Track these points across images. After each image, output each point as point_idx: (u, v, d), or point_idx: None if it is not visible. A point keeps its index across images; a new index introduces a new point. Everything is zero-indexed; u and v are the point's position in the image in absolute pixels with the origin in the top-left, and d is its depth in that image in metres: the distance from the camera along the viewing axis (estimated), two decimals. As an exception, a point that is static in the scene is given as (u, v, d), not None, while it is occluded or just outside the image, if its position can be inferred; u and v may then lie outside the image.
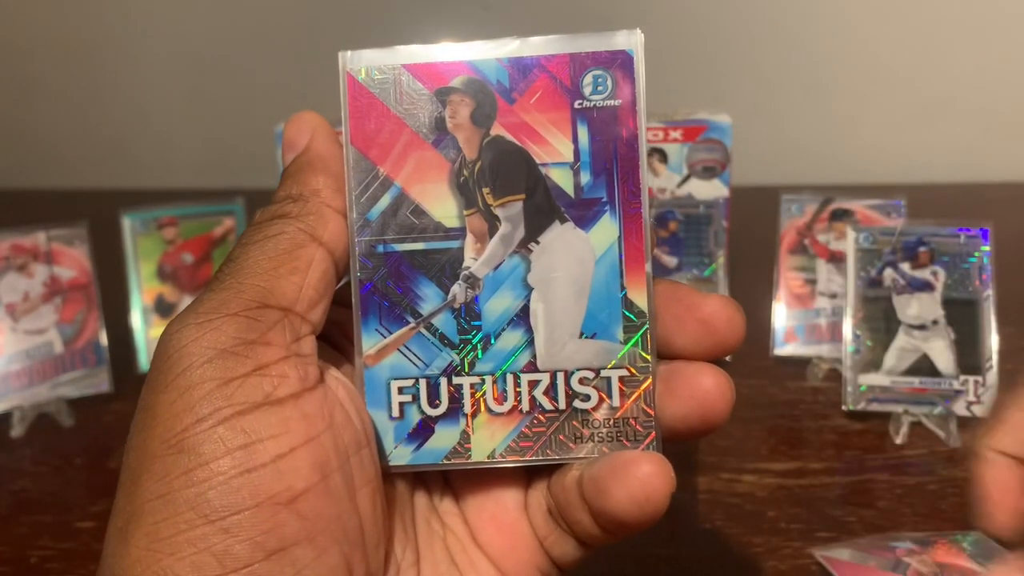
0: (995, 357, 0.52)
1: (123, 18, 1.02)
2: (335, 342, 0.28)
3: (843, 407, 0.54)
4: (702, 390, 0.26)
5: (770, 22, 0.96)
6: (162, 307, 0.62)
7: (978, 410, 0.52)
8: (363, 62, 0.27)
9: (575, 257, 0.27)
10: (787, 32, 0.96)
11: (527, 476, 0.29)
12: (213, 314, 0.24)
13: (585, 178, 0.27)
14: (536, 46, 0.27)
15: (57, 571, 0.44)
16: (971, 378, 0.52)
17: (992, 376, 0.52)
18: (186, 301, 0.62)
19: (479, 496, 0.29)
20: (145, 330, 0.61)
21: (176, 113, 1.05)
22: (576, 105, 0.27)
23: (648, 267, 0.27)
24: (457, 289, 0.27)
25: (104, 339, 0.59)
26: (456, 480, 0.29)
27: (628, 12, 0.95)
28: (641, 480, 0.25)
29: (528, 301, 0.27)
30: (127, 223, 0.61)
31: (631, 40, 0.27)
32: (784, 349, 0.61)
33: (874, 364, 0.54)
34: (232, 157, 1.02)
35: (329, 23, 0.99)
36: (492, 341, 0.27)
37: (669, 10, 0.95)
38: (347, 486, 0.25)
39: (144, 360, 0.61)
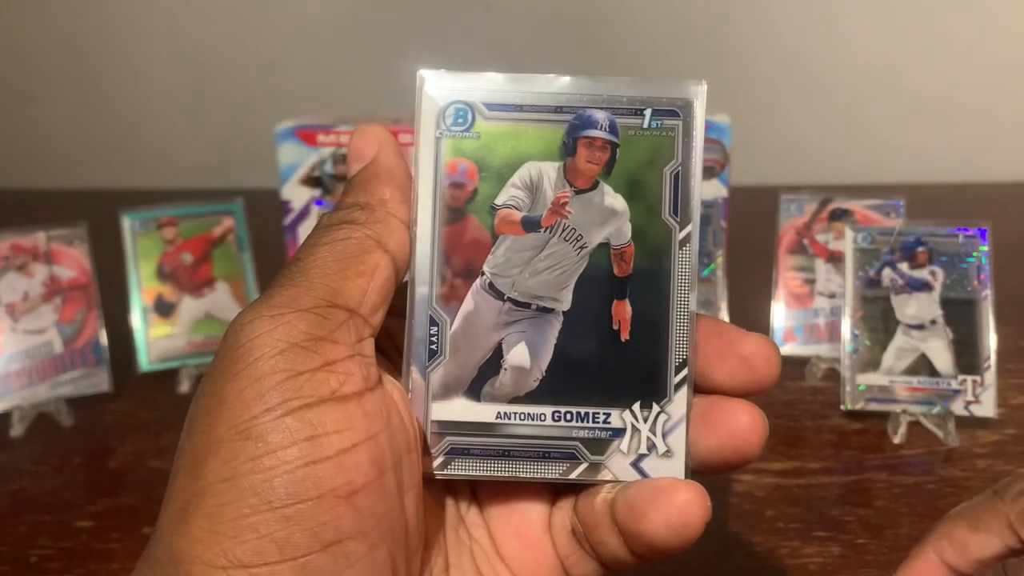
0: (993, 357, 0.52)
1: (123, 18, 1.02)
2: (383, 350, 0.29)
3: (841, 407, 0.54)
4: (737, 426, 0.26)
5: (769, 22, 0.96)
6: (162, 307, 0.62)
7: (976, 410, 0.52)
8: (441, 83, 0.28)
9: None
10: (786, 32, 0.97)
11: (553, 493, 0.29)
12: (285, 308, 0.24)
13: None
14: (607, 86, 0.28)
15: (56, 570, 0.44)
16: (969, 378, 0.52)
17: (990, 376, 0.52)
18: (186, 301, 0.62)
19: (504, 509, 0.29)
20: (145, 330, 0.61)
21: (176, 113, 1.05)
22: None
23: (693, 299, 0.28)
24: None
25: (104, 339, 0.59)
26: (482, 492, 0.30)
27: (628, 12, 0.95)
28: (679, 507, 0.25)
29: None
30: (127, 223, 0.61)
31: (697, 91, 0.28)
32: (783, 349, 0.60)
33: (872, 364, 0.54)
34: (232, 157, 1.03)
35: (329, 23, 0.99)
36: None
37: (668, 10, 0.95)
38: (398, 487, 0.25)
39: (144, 360, 0.61)
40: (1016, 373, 0.58)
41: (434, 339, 0.28)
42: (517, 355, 0.28)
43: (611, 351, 0.28)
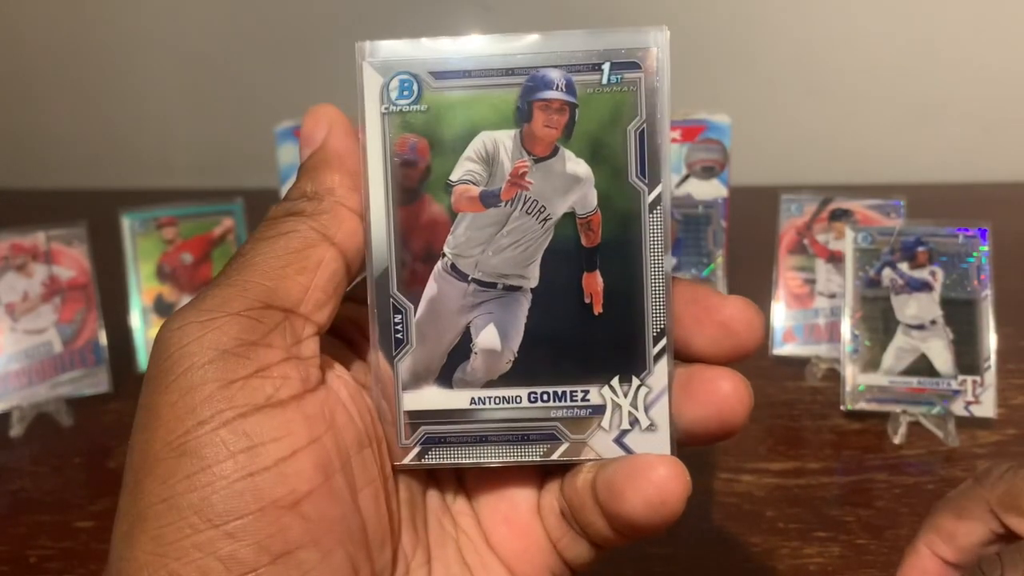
0: (993, 357, 0.52)
1: (123, 18, 1.02)
2: (350, 338, 0.28)
3: (841, 407, 0.54)
4: (720, 395, 0.25)
5: (769, 22, 0.96)
6: (161, 307, 0.62)
7: (976, 410, 0.52)
8: (382, 54, 0.27)
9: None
10: (786, 32, 0.97)
11: (540, 476, 0.29)
12: (216, 312, 0.24)
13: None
14: (560, 42, 0.26)
15: (56, 570, 0.44)
16: (969, 378, 0.52)
17: (990, 376, 0.52)
18: (185, 301, 0.62)
19: (492, 496, 0.29)
20: (144, 330, 0.61)
21: (176, 113, 1.05)
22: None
23: (668, 265, 0.26)
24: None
25: (103, 339, 0.59)
26: (470, 480, 0.29)
27: (627, 12, 0.95)
28: (657, 483, 0.25)
29: None
30: (127, 223, 0.61)
31: (658, 38, 0.26)
32: (783, 349, 0.61)
33: (872, 364, 0.54)
34: (232, 157, 1.02)
35: (328, 23, 0.99)
36: None
37: (668, 9, 0.95)
38: (349, 487, 0.24)
39: (143, 360, 0.61)
40: (1016, 373, 0.58)
41: (399, 327, 0.27)
42: (487, 338, 0.27)
43: (585, 326, 0.27)
